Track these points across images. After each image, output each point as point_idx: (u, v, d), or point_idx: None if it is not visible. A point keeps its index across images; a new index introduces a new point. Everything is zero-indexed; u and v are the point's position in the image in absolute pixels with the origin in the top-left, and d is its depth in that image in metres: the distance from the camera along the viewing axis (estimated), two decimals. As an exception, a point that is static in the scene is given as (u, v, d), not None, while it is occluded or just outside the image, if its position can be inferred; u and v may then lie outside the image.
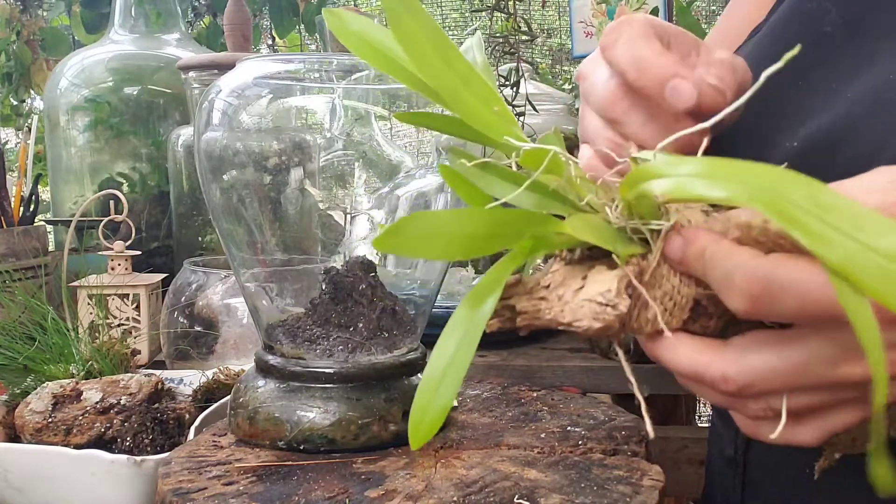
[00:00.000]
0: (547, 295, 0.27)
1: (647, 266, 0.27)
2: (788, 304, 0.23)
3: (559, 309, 0.27)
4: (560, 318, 0.27)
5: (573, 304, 0.27)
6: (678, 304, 0.27)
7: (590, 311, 0.26)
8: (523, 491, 0.38)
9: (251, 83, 0.50)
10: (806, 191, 0.21)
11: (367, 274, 0.48)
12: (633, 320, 0.27)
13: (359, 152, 0.52)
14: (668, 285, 0.27)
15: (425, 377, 0.25)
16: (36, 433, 0.50)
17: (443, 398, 0.25)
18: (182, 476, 0.40)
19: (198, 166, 0.50)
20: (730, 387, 0.26)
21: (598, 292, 0.26)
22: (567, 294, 0.27)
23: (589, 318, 0.26)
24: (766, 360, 0.25)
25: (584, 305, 0.26)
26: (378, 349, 0.46)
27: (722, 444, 0.47)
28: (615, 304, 0.26)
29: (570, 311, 0.26)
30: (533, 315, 0.27)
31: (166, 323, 0.71)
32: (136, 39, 1.02)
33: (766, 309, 0.24)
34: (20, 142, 1.49)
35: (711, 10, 1.92)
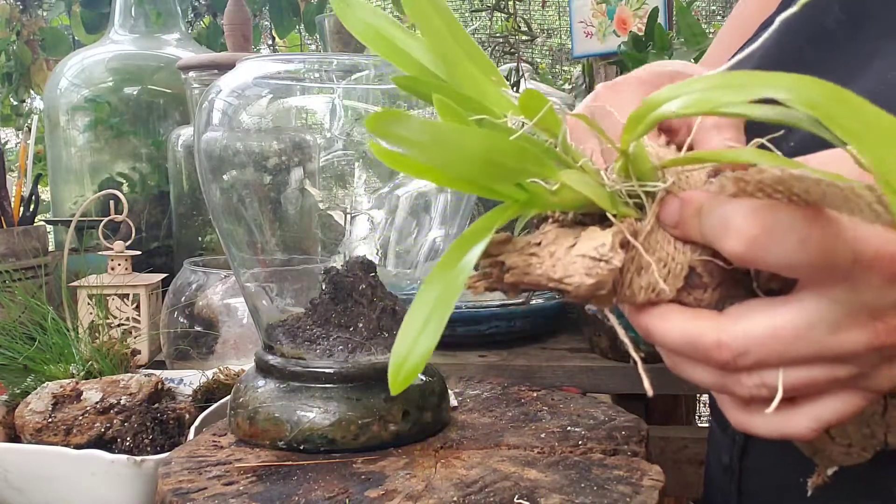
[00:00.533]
0: (538, 251, 0.26)
1: (641, 228, 0.26)
2: (787, 246, 0.22)
3: (550, 264, 0.26)
4: (551, 274, 0.26)
5: (565, 260, 0.26)
6: (672, 272, 0.26)
7: (582, 266, 0.25)
8: (523, 491, 0.38)
9: (251, 83, 0.50)
10: (841, 97, 0.19)
11: (367, 274, 0.48)
12: (626, 287, 0.26)
13: (359, 152, 0.52)
14: (662, 252, 0.26)
15: (406, 323, 0.24)
16: (36, 433, 0.50)
17: (422, 347, 0.24)
18: (182, 476, 0.40)
19: (198, 166, 0.50)
20: (724, 354, 0.25)
21: (592, 247, 0.25)
22: (559, 251, 0.26)
23: (581, 274, 0.25)
24: (762, 324, 0.24)
25: (576, 261, 0.25)
26: (378, 349, 0.46)
27: (719, 451, 0.47)
28: (609, 258, 0.25)
29: (561, 267, 0.26)
30: (523, 270, 0.26)
31: (166, 323, 0.71)
32: (136, 39, 1.02)
33: (764, 251, 0.23)
34: (20, 142, 1.49)
35: (711, 10, 1.92)
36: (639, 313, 0.27)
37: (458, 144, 0.23)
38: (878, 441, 0.29)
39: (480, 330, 0.75)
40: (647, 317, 0.27)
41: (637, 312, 0.27)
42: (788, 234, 0.22)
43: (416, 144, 0.22)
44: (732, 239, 0.23)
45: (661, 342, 0.27)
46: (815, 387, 0.25)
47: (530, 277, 0.26)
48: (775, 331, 0.24)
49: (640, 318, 0.27)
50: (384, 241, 0.52)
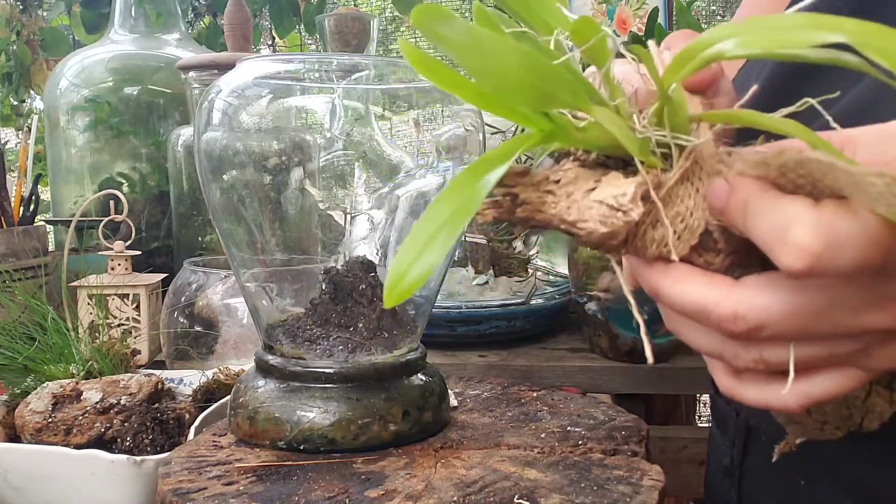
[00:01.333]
0: (555, 189, 0.25)
1: (665, 181, 0.25)
2: (846, 259, 0.21)
3: (566, 205, 0.25)
4: (564, 215, 0.25)
5: (582, 204, 0.25)
6: (689, 228, 0.25)
7: (598, 213, 0.24)
8: (523, 491, 0.38)
9: (251, 83, 0.50)
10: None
11: (367, 274, 0.48)
12: (639, 237, 0.25)
13: (359, 152, 0.52)
14: (681, 206, 0.25)
15: (412, 236, 0.22)
16: (36, 433, 0.50)
17: (426, 262, 0.22)
18: (182, 476, 0.40)
19: (198, 166, 0.50)
20: (739, 326, 0.24)
21: (612, 195, 0.24)
22: (577, 193, 0.25)
23: (595, 221, 0.24)
24: (784, 300, 0.23)
25: (593, 206, 0.24)
26: (378, 349, 0.46)
27: (719, 454, 0.47)
28: (628, 209, 0.24)
29: (576, 210, 0.25)
30: (536, 207, 0.25)
31: (166, 323, 0.71)
32: (136, 39, 1.02)
33: (825, 266, 0.21)
34: (20, 142, 1.49)
35: (711, 11, 1.92)
36: (651, 270, 0.26)
37: (496, 54, 0.22)
38: (854, 423, 0.29)
39: (480, 330, 0.75)
40: (660, 275, 0.25)
41: (648, 268, 0.26)
42: (849, 247, 0.21)
43: (455, 45, 0.21)
44: (792, 255, 0.21)
45: (671, 303, 0.25)
46: (814, 362, 0.25)
47: (542, 216, 0.25)
48: (796, 309, 0.23)
49: (651, 274, 0.26)
50: (384, 241, 0.52)
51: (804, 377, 0.25)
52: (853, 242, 0.21)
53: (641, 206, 0.24)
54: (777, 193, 0.23)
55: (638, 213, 0.24)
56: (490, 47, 0.22)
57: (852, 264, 0.21)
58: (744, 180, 0.23)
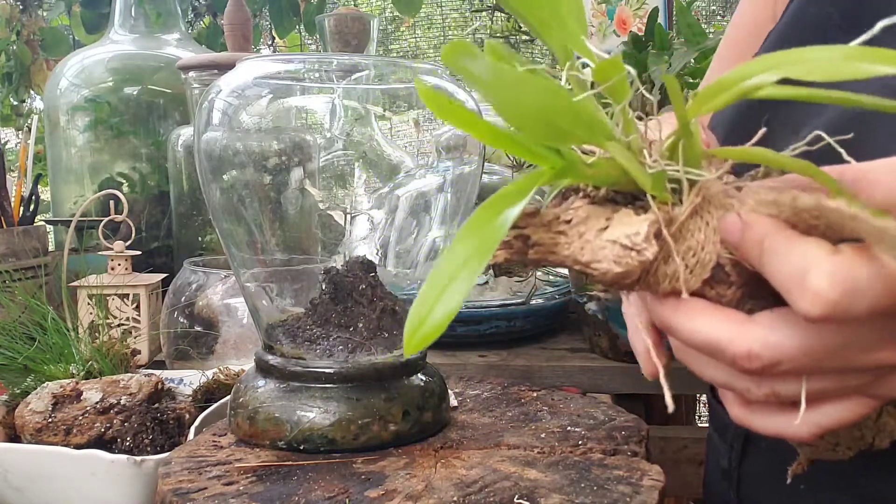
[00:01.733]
0: (567, 230, 0.25)
1: (676, 216, 0.25)
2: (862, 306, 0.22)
3: (579, 246, 0.25)
4: (578, 257, 0.25)
5: (595, 244, 0.25)
6: (700, 262, 0.25)
7: (612, 253, 0.24)
8: (523, 491, 0.38)
9: (251, 83, 0.50)
10: None
11: (367, 274, 0.48)
12: (651, 274, 0.25)
13: (359, 152, 0.52)
14: (692, 240, 0.25)
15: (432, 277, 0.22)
16: (36, 433, 0.50)
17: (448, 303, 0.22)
18: (182, 476, 0.40)
19: (198, 166, 0.50)
20: (753, 364, 0.24)
21: (625, 234, 0.24)
22: (589, 233, 0.25)
23: (609, 261, 0.24)
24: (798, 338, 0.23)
25: (606, 246, 0.24)
26: (378, 349, 0.46)
27: (718, 456, 0.47)
28: (641, 248, 0.24)
29: (590, 251, 0.25)
30: (548, 249, 0.25)
31: (166, 323, 0.71)
32: (136, 39, 1.02)
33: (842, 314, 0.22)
34: (20, 142, 1.49)
35: (711, 10, 1.92)
36: (663, 306, 0.26)
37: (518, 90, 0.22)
38: (865, 443, 0.29)
39: (480, 330, 0.75)
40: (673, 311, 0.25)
41: (661, 304, 0.26)
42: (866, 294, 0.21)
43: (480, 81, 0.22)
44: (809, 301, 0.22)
45: (684, 339, 0.26)
46: (823, 394, 0.25)
47: (556, 257, 0.25)
48: (810, 347, 0.24)
49: (664, 310, 0.26)
50: (384, 241, 0.52)
51: (815, 407, 0.25)
52: (870, 289, 0.21)
53: (655, 245, 0.24)
54: (793, 234, 0.23)
55: (652, 253, 0.24)
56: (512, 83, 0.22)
57: (868, 310, 0.22)
58: (759, 218, 0.24)
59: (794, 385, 0.25)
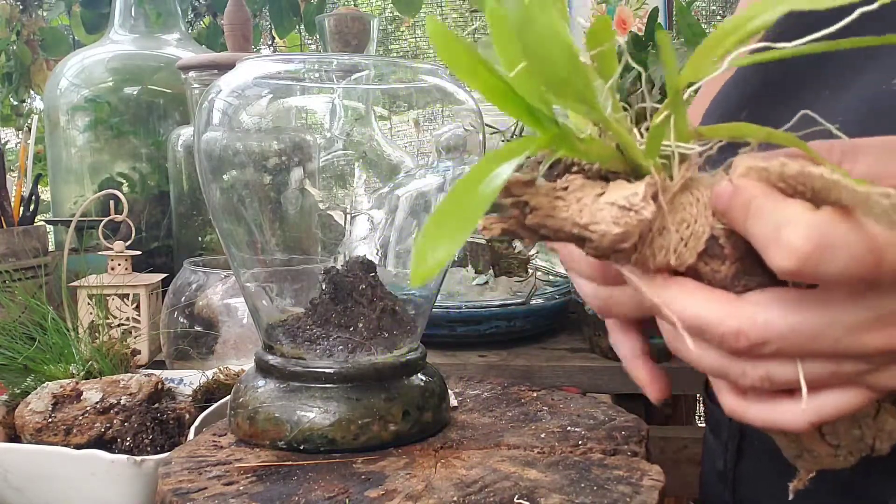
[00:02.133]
0: (564, 195, 0.26)
1: (669, 187, 0.25)
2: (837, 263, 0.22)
3: (577, 209, 0.25)
4: (577, 219, 0.25)
5: (593, 207, 0.25)
6: (695, 234, 0.25)
7: (610, 214, 0.24)
8: (523, 491, 0.38)
9: (251, 83, 0.50)
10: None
11: (367, 274, 0.48)
12: (647, 245, 0.25)
13: (359, 152, 0.52)
14: (685, 213, 0.25)
15: (434, 216, 0.23)
16: (36, 433, 0.50)
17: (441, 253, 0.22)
18: (182, 476, 0.40)
19: (198, 166, 0.50)
20: (741, 343, 0.24)
21: (623, 196, 0.24)
22: (586, 198, 0.25)
23: (608, 222, 0.24)
24: (785, 317, 0.24)
25: (604, 208, 0.25)
26: (378, 349, 0.46)
27: (713, 457, 0.47)
28: (640, 208, 0.24)
29: (588, 213, 0.25)
30: (546, 212, 0.25)
31: (166, 323, 0.71)
32: (136, 39, 1.02)
33: (813, 268, 0.22)
34: (20, 142, 1.49)
35: (711, 10, 1.92)
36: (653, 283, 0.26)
37: (545, 35, 0.22)
38: (866, 445, 0.29)
39: (480, 330, 0.75)
40: (663, 290, 0.25)
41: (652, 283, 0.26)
42: (841, 251, 0.21)
43: (507, 19, 0.22)
44: (782, 253, 0.22)
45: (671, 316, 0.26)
46: (819, 381, 0.25)
47: (553, 221, 0.25)
48: (797, 326, 0.24)
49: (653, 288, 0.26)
50: (384, 241, 0.52)
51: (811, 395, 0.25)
52: (845, 247, 0.21)
53: (653, 205, 0.24)
54: (780, 196, 0.23)
55: (650, 212, 0.24)
56: (540, 27, 0.22)
57: (843, 271, 0.22)
58: (748, 182, 0.24)
59: (788, 368, 0.25)
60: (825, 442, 0.29)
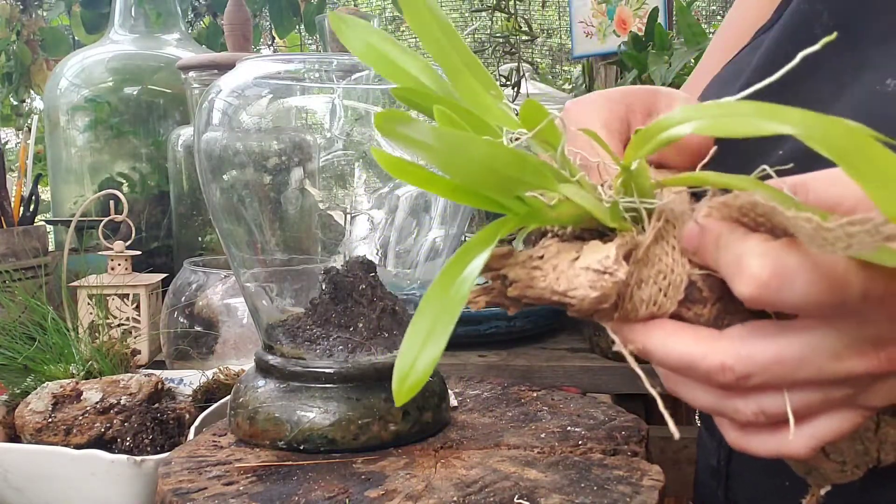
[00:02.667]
0: (541, 265, 0.26)
1: (641, 241, 0.26)
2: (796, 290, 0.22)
3: (554, 277, 0.26)
4: (555, 287, 0.26)
5: (569, 273, 0.26)
6: (673, 284, 0.26)
7: (586, 278, 0.25)
8: (523, 491, 0.38)
9: (251, 83, 0.50)
10: (854, 137, 0.20)
11: (367, 274, 0.48)
12: (628, 300, 0.26)
13: (359, 152, 0.52)
14: (661, 264, 0.26)
15: (410, 334, 0.24)
16: (36, 433, 0.50)
17: (428, 356, 0.24)
18: (182, 476, 0.40)
19: (198, 166, 0.50)
20: (727, 377, 0.25)
21: (596, 259, 0.25)
22: (562, 264, 0.26)
23: (585, 287, 0.25)
24: (767, 348, 0.24)
25: (580, 274, 0.25)
26: (378, 349, 0.46)
27: (707, 455, 0.47)
28: (613, 270, 0.25)
29: (565, 280, 0.26)
30: (526, 284, 0.26)
31: (166, 323, 0.71)
32: (136, 39, 1.02)
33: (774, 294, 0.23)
34: (20, 142, 1.49)
35: (711, 10, 1.92)
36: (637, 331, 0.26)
37: (463, 149, 0.23)
38: (871, 458, 0.29)
39: (480, 330, 0.75)
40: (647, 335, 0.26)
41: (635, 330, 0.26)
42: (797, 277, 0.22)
43: (422, 146, 0.22)
44: (744, 283, 0.23)
45: (660, 362, 0.26)
46: (811, 408, 0.25)
47: (533, 291, 0.26)
48: (780, 356, 0.24)
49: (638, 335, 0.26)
50: (384, 241, 0.52)
51: (806, 422, 0.26)
52: (801, 276, 0.22)
53: (626, 265, 0.25)
54: (744, 230, 0.24)
55: (624, 272, 0.25)
56: (458, 143, 0.23)
57: (805, 297, 0.22)
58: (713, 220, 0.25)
59: (778, 400, 0.25)
60: (830, 460, 0.30)
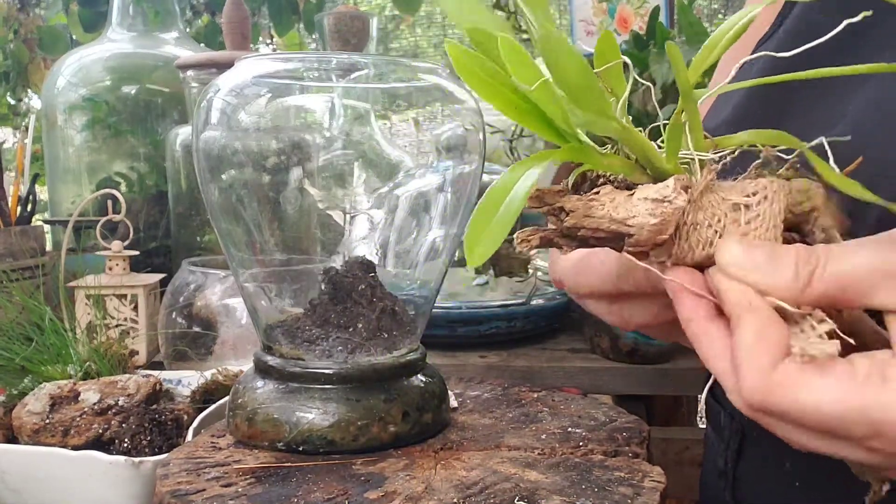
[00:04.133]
0: (597, 198, 0.27)
1: (696, 185, 0.26)
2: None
3: (612, 206, 0.26)
4: (613, 215, 0.26)
5: (627, 204, 0.26)
6: (720, 233, 0.26)
7: (645, 207, 0.26)
8: (524, 492, 0.37)
9: (250, 82, 0.50)
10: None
11: (367, 274, 0.48)
12: (684, 239, 0.26)
13: (358, 152, 0.52)
14: (715, 209, 0.26)
15: (479, 212, 0.25)
16: (33, 434, 0.50)
17: (488, 243, 0.25)
18: (180, 477, 0.40)
19: (196, 166, 0.49)
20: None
21: (654, 191, 0.26)
22: (619, 198, 0.27)
23: (644, 214, 0.26)
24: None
25: (638, 203, 0.26)
26: (378, 350, 0.46)
27: (714, 455, 0.47)
28: (672, 198, 0.25)
29: (624, 209, 0.26)
30: (583, 213, 0.27)
31: (164, 323, 0.71)
32: (134, 38, 1.02)
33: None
34: (17, 141, 1.49)
35: (713, 9, 1.92)
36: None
37: (566, 52, 0.24)
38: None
39: (480, 330, 0.75)
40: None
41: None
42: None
43: (533, 39, 0.24)
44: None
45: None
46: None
47: (591, 220, 0.27)
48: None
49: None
50: (384, 241, 0.52)
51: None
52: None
53: (685, 194, 0.26)
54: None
55: (683, 199, 0.26)
56: (561, 44, 0.24)
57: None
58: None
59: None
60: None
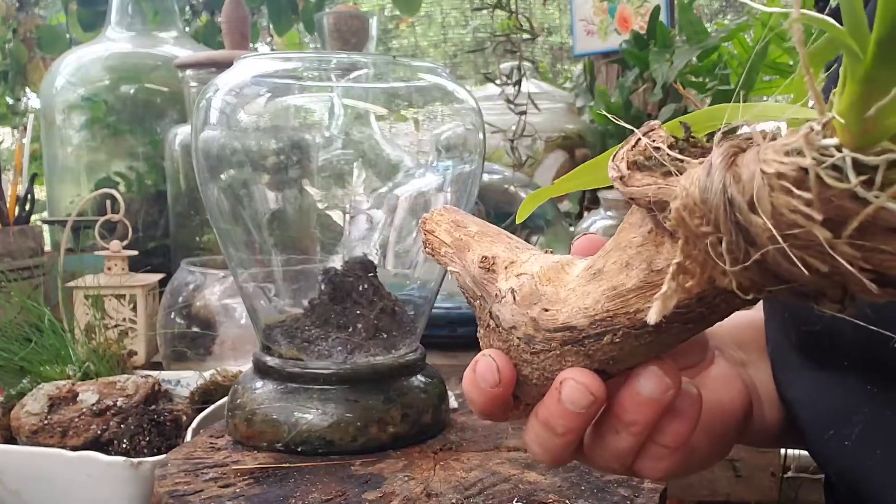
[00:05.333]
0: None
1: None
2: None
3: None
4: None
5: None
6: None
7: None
8: (522, 493, 0.37)
9: (249, 81, 0.49)
10: None
11: (367, 274, 0.48)
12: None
13: (358, 151, 0.52)
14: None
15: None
16: (32, 435, 0.50)
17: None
18: (179, 478, 0.40)
19: (195, 165, 0.49)
20: None
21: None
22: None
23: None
24: None
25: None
26: (377, 350, 0.46)
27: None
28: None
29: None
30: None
31: (163, 324, 0.70)
32: (133, 37, 1.02)
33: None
34: (16, 140, 1.48)
35: (714, 8, 1.92)
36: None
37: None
38: None
39: (480, 330, 0.74)
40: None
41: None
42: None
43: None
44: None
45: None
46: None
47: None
48: None
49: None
50: (383, 241, 0.52)
51: None
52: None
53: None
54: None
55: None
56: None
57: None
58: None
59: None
60: None
